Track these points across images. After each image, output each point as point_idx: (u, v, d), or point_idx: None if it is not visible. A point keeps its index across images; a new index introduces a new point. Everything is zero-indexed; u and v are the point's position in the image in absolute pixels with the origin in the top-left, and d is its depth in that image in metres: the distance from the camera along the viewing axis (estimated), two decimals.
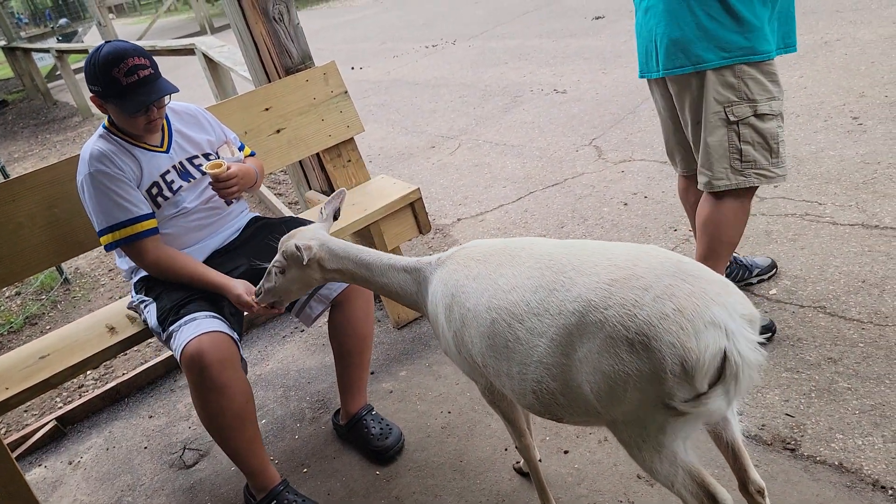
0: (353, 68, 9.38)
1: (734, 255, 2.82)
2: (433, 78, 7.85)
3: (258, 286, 2.04)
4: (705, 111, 2.26)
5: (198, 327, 2.10)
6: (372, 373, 2.89)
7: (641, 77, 2.46)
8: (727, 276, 2.79)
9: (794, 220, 3.16)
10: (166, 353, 3.42)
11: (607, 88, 5.76)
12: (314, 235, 1.95)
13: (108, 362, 3.64)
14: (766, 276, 2.81)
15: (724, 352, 1.28)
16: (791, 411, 2.17)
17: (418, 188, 2.90)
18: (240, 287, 2.19)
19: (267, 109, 2.88)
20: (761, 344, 1.32)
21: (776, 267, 2.85)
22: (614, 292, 1.37)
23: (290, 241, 1.93)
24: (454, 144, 5.53)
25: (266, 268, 2.03)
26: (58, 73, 13.47)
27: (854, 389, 2.18)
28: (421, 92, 7.41)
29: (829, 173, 3.46)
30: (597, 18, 8.38)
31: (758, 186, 2.32)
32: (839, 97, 4.27)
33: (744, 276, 2.80)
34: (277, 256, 1.96)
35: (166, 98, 2.25)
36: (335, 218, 2.09)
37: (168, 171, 2.32)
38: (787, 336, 2.48)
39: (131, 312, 2.52)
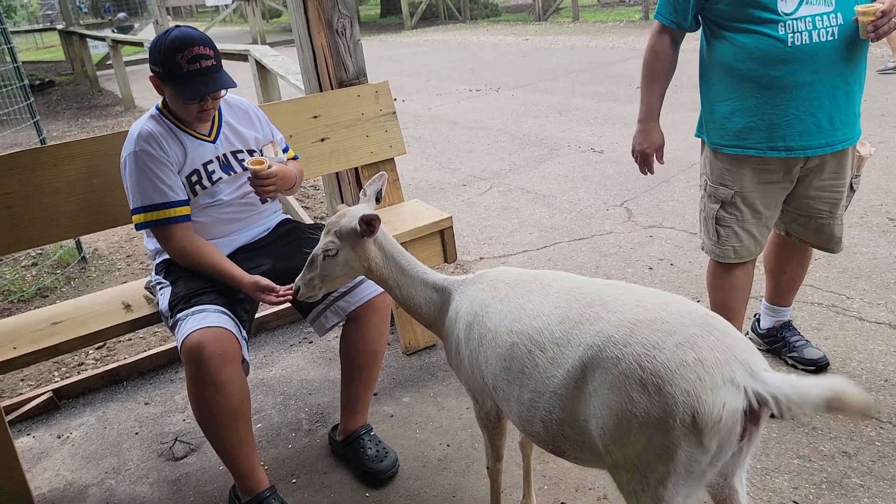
0: (395, 99, 9.48)
1: (790, 325, 2.78)
2: (473, 120, 7.95)
3: (296, 281, 1.97)
4: (700, 172, 2.56)
5: (204, 319, 2.08)
6: (375, 394, 2.85)
7: None
8: (765, 337, 2.83)
9: (820, 310, 3.12)
10: (170, 343, 3.41)
11: None
12: (364, 210, 1.89)
13: (111, 345, 3.63)
14: (800, 367, 2.70)
15: (744, 411, 1.25)
16: (799, 499, 2.10)
17: (450, 216, 2.90)
18: (257, 279, 2.19)
19: (315, 117, 2.91)
20: (773, 416, 1.30)
21: (820, 366, 2.66)
22: (636, 331, 1.35)
23: (345, 218, 1.87)
24: (486, 185, 5.55)
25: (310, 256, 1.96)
26: (108, 62, 13.76)
27: (867, 487, 2.12)
28: (459, 131, 7.49)
29: (860, 269, 3.43)
30: None
31: (735, 263, 2.46)
32: (877, 197, 4.26)
33: (781, 349, 2.76)
34: (326, 240, 1.89)
35: (222, 91, 2.27)
36: (378, 201, 2.04)
37: (211, 161, 2.34)
38: (803, 423, 2.42)
39: (147, 293, 2.51)
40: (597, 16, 17.74)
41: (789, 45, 2.11)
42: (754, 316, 2.90)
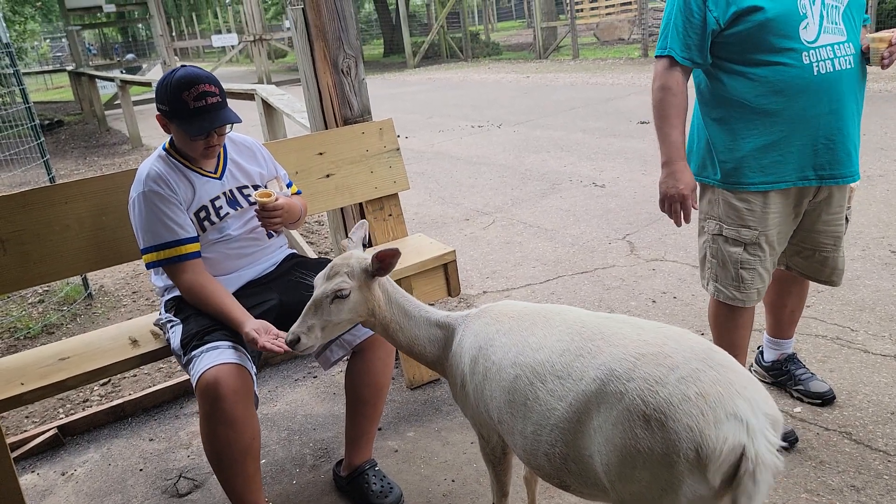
0: (399, 136, 9.60)
1: (794, 358, 2.76)
2: (475, 156, 8.03)
3: (292, 330, 1.85)
4: (698, 217, 2.45)
5: (219, 356, 2.10)
6: (380, 429, 2.85)
7: None
8: (770, 370, 2.79)
9: (825, 342, 3.12)
10: (175, 379, 3.41)
11: (646, 189, 5.84)
12: (366, 254, 1.89)
13: (116, 381, 3.63)
14: (806, 400, 2.68)
15: (743, 449, 1.25)
16: None
17: (454, 250, 2.93)
18: (253, 324, 2.17)
19: (321, 154, 2.96)
20: (780, 449, 1.29)
21: (827, 400, 2.66)
22: (639, 366, 1.36)
23: (353, 259, 1.84)
24: (488, 220, 5.60)
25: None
26: (116, 101, 13.99)
27: None
28: (462, 167, 7.57)
29: (863, 301, 3.43)
30: (642, 123, 8.57)
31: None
32: (878, 230, 4.28)
33: (787, 382, 2.74)
34: (337, 280, 1.82)
35: (227, 127, 2.32)
36: (364, 248, 2.04)
37: (218, 197, 2.38)
38: (810, 457, 2.40)
39: (156, 329, 2.53)
40: (596, 53, 18.02)
41: (815, 73, 2.11)
42: (757, 348, 2.90)
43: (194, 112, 2.21)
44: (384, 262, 1.81)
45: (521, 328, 1.67)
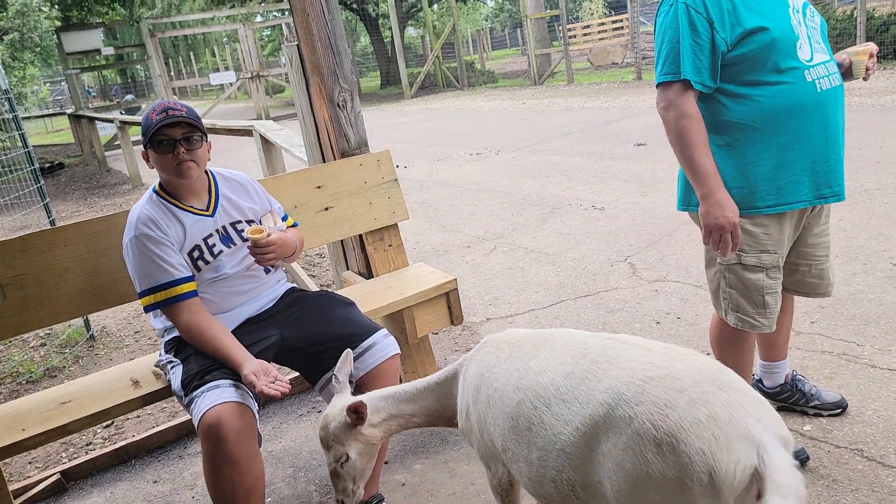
0: (397, 166, 9.65)
1: (796, 376, 2.74)
2: (474, 183, 8.06)
3: (335, 499, 2.00)
4: (705, 247, 2.33)
5: (220, 395, 2.08)
6: (386, 462, 2.81)
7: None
8: (779, 394, 2.74)
9: (831, 358, 3.09)
10: (178, 419, 3.38)
11: (645, 210, 5.85)
12: (344, 403, 1.93)
13: (119, 422, 3.60)
14: (825, 412, 2.67)
15: (756, 470, 1.23)
16: None
17: (455, 279, 2.92)
18: (252, 366, 2.16)
19: (319, 187, 2.97)
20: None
21: (843, 407, 2.66)
22: (648, 389, 1.34)
23: (332, 424, 1.93)
24: (490, 246, 5.60)
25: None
26: (116, 142, 14.14)
27: None
28: (461, 194, 7.59)
29: (867, 315, 3.41)
30: (638, 145, 8.62)
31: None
32: (879, 243, 4.28)
33: (799, 400, 2.70)
34: (331, 453, 1.95)
35: (198, 143, 2.31)
36: (351, 383, 2.10)
37: (211, 235, 2.38)
38: (822, 476, 2.37)
39: (157, 370, 2.52)
40: (591, 78, 18.19)
41: (819, 90, 2.12)
42: (754, 378, 2.79)
43: (156, 122, 2.24)
44: (359, 413, 1.89)
45: (522, 353, 1.66)
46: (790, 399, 2.72)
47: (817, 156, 2.18)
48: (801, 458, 2.40)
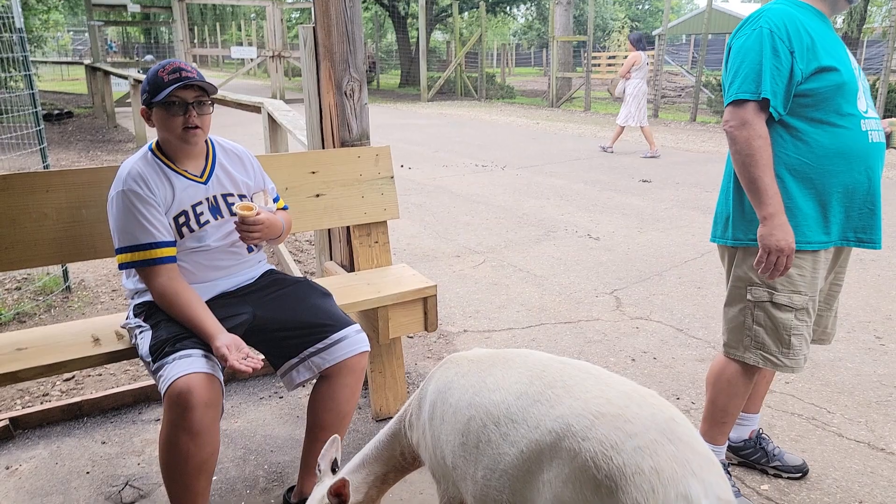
0: (402, 166, 9.67)
1: (762, 434, 2.72)
2: (475, 194, 8.04)
3: None
4: (731, 282, 2.36)
5: (191, 365, 2.04)
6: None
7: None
8: (742, 450, 2.71)
9: (800, 422, 3.07)
10: (138, 383, 3.33)
11: (640, 246, 5.83)
12: (323, 492, 1.92)
13: (79, 378, 3.55)
14: (785, 475, 2.65)
15: None
16: None
17: (435, 285, 2.89)
18: (225, 339, 2.12)
19: (313, 173, 2.94)
20: None
21: (804, 472, 2.65)
22: (597, 426, 1.31)
23: None
24: (479, 259, 5.57)
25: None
26: (128, 100, 14.06)
27: None
28: (460, 203, 7.57)
29: (843, 384, 3.39)
30: (644, 181, 8.62)
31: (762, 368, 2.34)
32: (865, 314, 4.26)
33: (760, 459, 2.68)
34: None
35: (208, 107, 2.28)
36: (333, 471, 2.06)
37: (200, 203, 2.34)
38: None
39: (122, 331, 2.47)
40: (608, 108, 18.23)
41: (870, 141, 2.18)
42: None
43: (168, 83, 2.20)
44: (341, 495, 1.88)
45: (480, 370, 1.63)
46: (752, 456, 2.70)
47: (859, 202, 2.22)
48: None
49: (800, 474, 2.64)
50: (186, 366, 2.03)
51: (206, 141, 2.42)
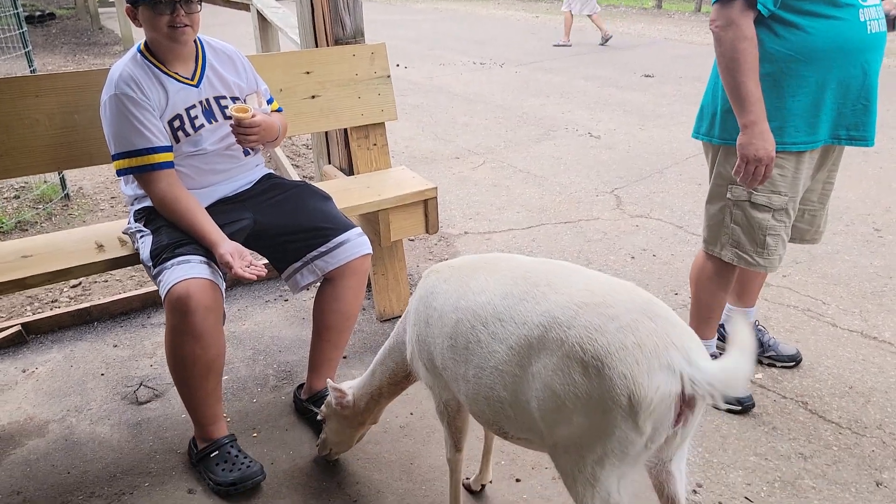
0: (397, 65, 9.41)
1: (758, 326, 2.78)
2: (473, 93, 7.87)
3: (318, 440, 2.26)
4: (712, 179, 2.37)
5: (190, 270, 2.05)
6: (345, 357, 2.85)
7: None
8: None
9: (795, 313, 3.13)
10: (145, 289, 3.38)
11: (641, 144, 5.76)
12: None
13: (86, 284, 3.60)
14: (779, 364, 2.73)
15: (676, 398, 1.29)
16: (751, 496, 2.13)
17: (435, 187, 2.87)
18: (228, 247, 2.13)
19: (308, 73, 2.86)
20: (734, 412, 1.32)
21: (797, 361, 2.73)
22: (581, 314, 1.38)
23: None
24: (479, 160, 5.52)
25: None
26: (111, 0, 13.54)
27: (818, 490, 2.14)
28: (458, 103, 7.43)
29: (839, 276, 3.44)
30: (646, 76, 8.42)
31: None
32: (865, 206, 4.27)
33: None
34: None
35: (197, 6, 2.19)
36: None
37: (194, 106, 2.28)
38: (764, 422, 2.44)
39: (124, 237, 2.48)
40: (610, 0, 17.54)
41: (868, 32, 2.08)
42: (720, 326, 2.79)
43: None
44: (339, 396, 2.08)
45: (463, 274, 1.67)
46: None
47: (853, 97, 2.16)
48: (747, 405, 2.47)
49: (793, 363, 2.73)
50: (186, 271, 2.05)
51: (195, 41, 2.34)
